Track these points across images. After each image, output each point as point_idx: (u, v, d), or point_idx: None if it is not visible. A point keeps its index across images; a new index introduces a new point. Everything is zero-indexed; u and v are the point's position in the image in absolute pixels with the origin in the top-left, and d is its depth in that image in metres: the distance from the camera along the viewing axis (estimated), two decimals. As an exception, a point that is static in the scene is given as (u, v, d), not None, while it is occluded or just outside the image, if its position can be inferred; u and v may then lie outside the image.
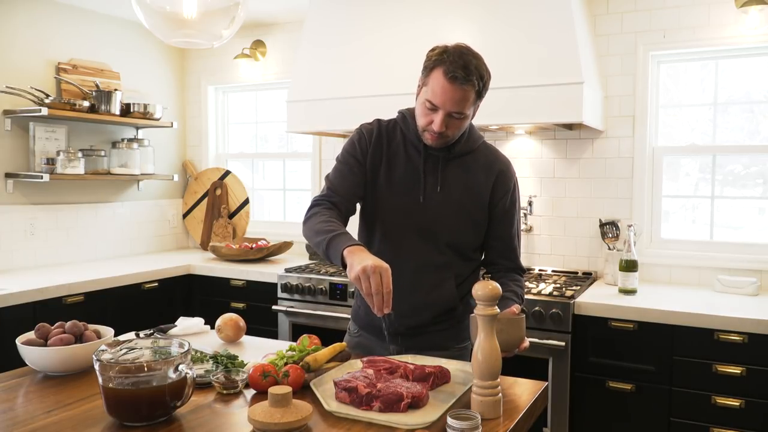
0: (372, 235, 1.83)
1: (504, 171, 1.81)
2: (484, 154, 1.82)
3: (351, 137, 1.84)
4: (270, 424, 1.22)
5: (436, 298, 1.79)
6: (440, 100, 1.63)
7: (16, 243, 3.38)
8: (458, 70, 1.59)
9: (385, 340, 1.84)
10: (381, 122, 1.85)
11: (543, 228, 3.34)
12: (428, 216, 1.76)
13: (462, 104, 1.63)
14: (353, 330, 1.95)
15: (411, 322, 1.80)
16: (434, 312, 1.80)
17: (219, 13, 1.68)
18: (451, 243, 1.78)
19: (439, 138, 1.69)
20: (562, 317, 2.62)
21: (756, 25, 2.80)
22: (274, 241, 3.92)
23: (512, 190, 1.82)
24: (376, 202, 1.81)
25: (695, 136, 3.16)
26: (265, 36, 4.06)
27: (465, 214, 1.78)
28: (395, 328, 1.81)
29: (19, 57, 3.37)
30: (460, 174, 1.78)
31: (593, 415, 2.65)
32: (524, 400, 1.47)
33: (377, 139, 1.81)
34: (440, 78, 1.61)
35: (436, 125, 1.65)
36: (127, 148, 3.78)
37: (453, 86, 1.60)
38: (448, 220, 1.77)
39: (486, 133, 3.33)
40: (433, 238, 1.77)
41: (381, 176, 1.79)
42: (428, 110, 1.67)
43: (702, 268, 3.00)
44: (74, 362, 1.61)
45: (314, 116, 3.30)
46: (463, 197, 1.77)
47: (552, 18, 2.77)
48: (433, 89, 1.64)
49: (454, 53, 1.61)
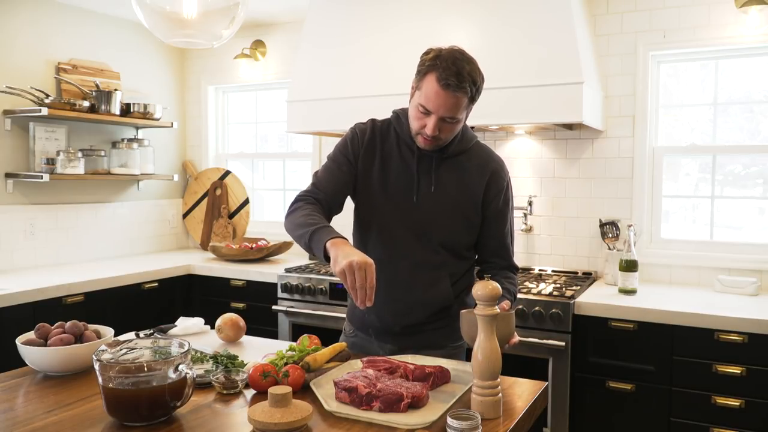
0: (367, 235, 1.83)
1: (497, 170, 1.82)
2: (477, 154, 1.82)
3: (344, 136, 1.85)
4: (270, 424, 1.22)
5: (431, 296, 1.79)
6: (433, 105, 1.63)
7: (16, 243, 3.38)
8: (451, 78, 1.59)
9: (380, 339, 1.85)
10: (375, 122, 1.85)
11: (543, 228, 3.34)
12: (422, 216, 1.77)
13: (454, 110, 1.64)
14: (348, 330, 1.96)
15: (407, 321, 1.81)
16: (430, 311, 1.80)
17: (219, 13, 1.68)
18: (445, 242, 1.79)
19: (432, 141, 1.70)
20: (562, 317, 2.62)
21: (756, 25, 2.80)
22: (274, 241, 3.92)
23: (505, 189, 1.83)
24: (370, 202, 1.81)
25: (695, 136, 3.16)
26: (265, 36, 4.06)
27: (459, 214, 1.78)
28: (391, 328, 1.82)
29: (19, 57, 3.37)
30: (453, 174, 1.78)
31: (593, 415, 2.65)
32: (524, 400, 1.47)
33: (370, 139, 1.81)
34: (433, 84, 1.61)
35: (429, 129, 1.66)
36: (127, 148, 3.78)
37: (446, 93, 1.60)
38: (442, 220, 1.77)
39: (486, 133, 3.33)
40: (427, 237, 1.78)
41: (374, 176, 1.79)
42: (421, 114, 1.67)
43: (702, 268, 3.00)
44: (74, 362, 1.61)
45: (314, 116, 3.30)
46: (456, 197, 1.78)
47: (552, 18, 2.77)
48: (426, 94, 1.63)
49: (447, 59, 1.61)
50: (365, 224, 1.84)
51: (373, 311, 1.81)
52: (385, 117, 1.88)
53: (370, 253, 1.74)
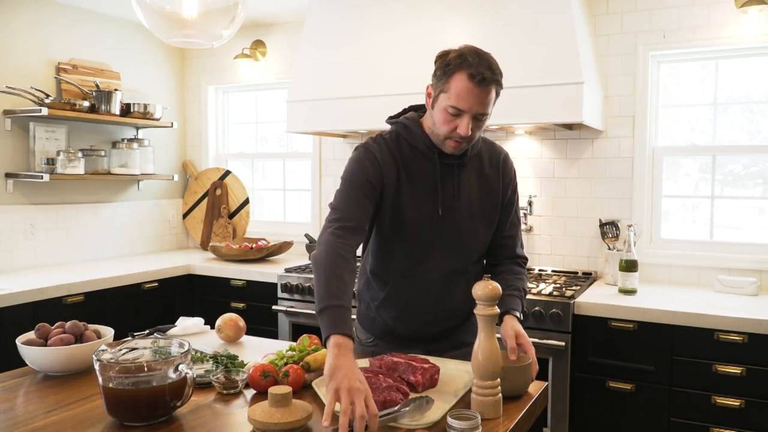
0: (392, 250, 1.77)
1: (506, 159, 1.83)
2: (487, 150, 1.82)
3: (359, 159, 1.71)
4: (270, 424, 1.22)
5: (463, 301, 1.74)
6: (467, 103, 1.59)
7: (16, 243, 3.38)
8: (486, 71, 1.57)
9: (409, 346, 1.78)
10: (384, 139, 1.75)
11: (543, 228, 3.34)
12: (449, 225, 1.73)
13: (487, 105, 1.62)
14: (365, 339, 1.89)
15: (441, 326, 1.82)
16: (463, 314, 1.81)
17: (219, 13, 1.69)
18: (473, 247, 1.78)
19: (463, 143, 1.65)
20: (562, 317, 2.62)
21: (756, 25, 2.80)
22: (274, 241, 3.92)
23: (514, 177, 1.84)
24: (398, 219, 1.73)
25: (695, 136, 3.16)
26: (265, 36, 4.06)
27: (484, 216, 1.77)
28: (425, 336, 1.81)
29: (19, 57, 3.37)
30: (474, 176, 1.76)
31: (593, 415, 2.65)
32: (524, 400, 1.47)
33: (390, 158, 1.70)
34: (465, 82, 1.57)
35: (463, 129, 1.60)
36: (127, 148, 3.78)
37: (479, 88, 1.58)
38: (469, 226, 1.75)
39: (486, 133, 3.32)
40: (456, 246, 1.75)
41: (402, 194, 1.71)
42: (451, 116, 1.61)
43: (702, 268, 3.00)
44: (74, 362, 1.61)
45: (314, 116, 3.30)
46: (480, 198, 1.76)
47: (552, 18, 2.77)
48: (457, 93, 1.58)
49: (473, 55, 1.59)
50: (389, 239, 1.75)
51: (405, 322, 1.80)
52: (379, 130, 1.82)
53: (396, 267, 1.74)
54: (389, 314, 1.81)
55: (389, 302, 1.80)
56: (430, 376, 1.49)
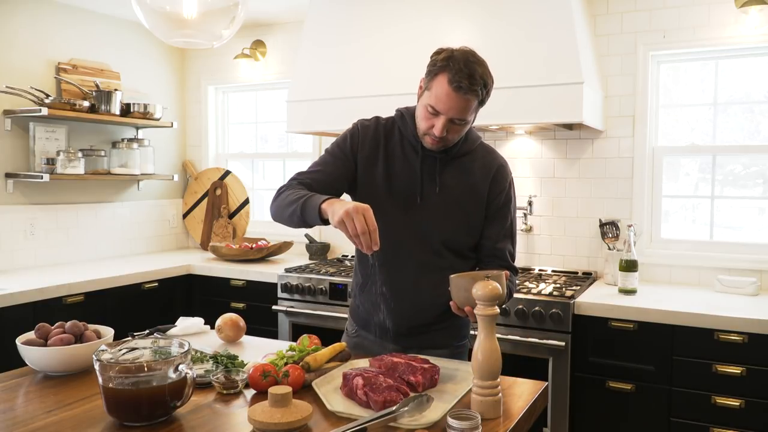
0: None
1: (501, 170, 1.81)
2: (481, 155, 1.81)
3: (346, 130, 1.84)
4: (270, 424, 1.22)
5: (437, 297, 1.77)
6: (443, 107, 1.61)
7: (16, 243, 3.38)
8: (463, 80, 1.57)
9: (383, 339, 1.84)
10: (379, 120, 1.84)
11: (543, 228, 3.34)
12: (426, 217, 1.76)
13: (464, 112, 1.63)
14: (351, 330, 1.95)
15: (413, 322, 1.81)
16: (436, 312, 1.79)
17: (219, 13, 1.69)
18: (449, 244, 1.78)
19: (440, 142, 1.69)
20: (562, 317, 2.62)
21: (756, 25, 2.80)
22: (274, 241, 3.92)
23: (507, 189, 1.81)
24: (372, 202, 1.75)
25: (695, 136, 3.16)
26: (265, 36, 4.06)
27: (463, 215, 1.78)
28: (397, 328, 1.81)
29: (19, 57, 3.37)
30: (458, 175, 1.77)
31: (593, 415, 2.65)
32: (524, 400, 1.47)
33: (373, 137, 1.79)
34: (444, 85, 1.59)
35: (437, 130, 1.64)
36: (127, 148, 3.78)
37: (456, 95, 1.59)
38: (446, 222, 1.76)
39: (486, 133, 3.33)
40: (431, 238, 1.77)
41: (377, 175, 1.78)
42: (430, 114, 1.65)
43: (702, 268, 3.00)
44: (74, 362, 1.61)
45: (314, 116, 3.30)
46: (461, 199, 1.77)
47: (552, 18, 2.77)
48: (436, 95, 1.61)
49: (459, 60, 1.59)
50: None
51: (380, 312, 1.81)
52: (389, 115, 1.86)
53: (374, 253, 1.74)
54: (366, 301, 1.85)
55: (365, 288, 1.85)
56: (430, 376, 1.49)
